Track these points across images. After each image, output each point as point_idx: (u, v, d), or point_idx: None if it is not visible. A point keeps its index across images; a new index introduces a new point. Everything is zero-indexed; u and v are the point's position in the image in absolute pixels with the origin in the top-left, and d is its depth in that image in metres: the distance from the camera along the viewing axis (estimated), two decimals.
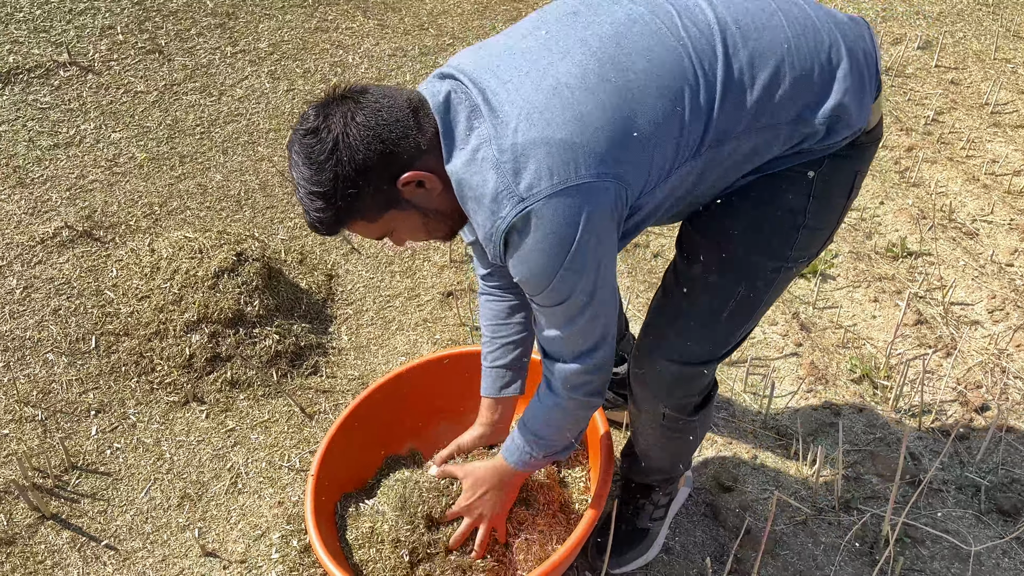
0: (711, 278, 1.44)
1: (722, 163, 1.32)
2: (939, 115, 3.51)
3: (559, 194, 1.19)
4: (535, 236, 1.22)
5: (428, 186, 1.28)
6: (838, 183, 1.38)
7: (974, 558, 1.92)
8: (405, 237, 1.39)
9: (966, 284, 2.69)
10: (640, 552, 1.87)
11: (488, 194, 1.22)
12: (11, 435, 2.06)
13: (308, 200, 1.27)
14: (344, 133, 1.21)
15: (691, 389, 1.55)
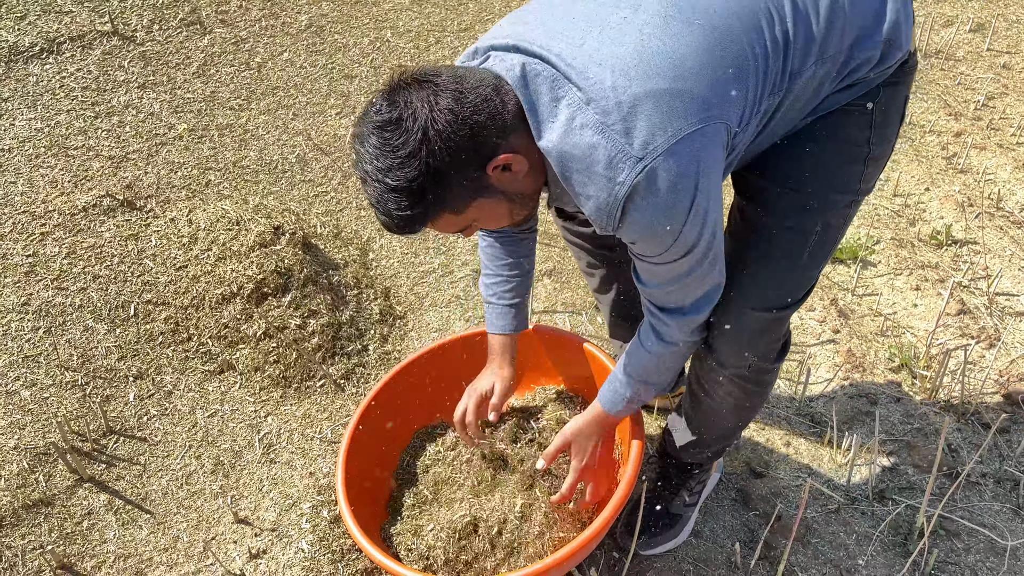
0: (787, 222, 1.42)
1: (798, 96, 1.32)
2: (989, 100, 3.41)
3: (676, 146, 1.16)
4: (658, 195, 1.18)
5: (515, 168, 1.24)
6: (893, 110, 1.39)
7: (1010, 552, 1.88)
8: (487, 225, 1.35)
9: (1012, 274, 2.63)
10: (671, 537, 1.86)
11: (600, 161, 1.18)
12: (52, 398, 2.10)
13: (391, 198, 1.19)
14: (432, 120, 1.15)
15: (776, 335, 1.54)
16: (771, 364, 1.59)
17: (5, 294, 2.25)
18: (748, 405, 1.67)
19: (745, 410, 1.69)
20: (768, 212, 1.44)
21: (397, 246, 2.67)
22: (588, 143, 1.18)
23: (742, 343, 1.53)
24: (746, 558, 1.88)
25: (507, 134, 1.21)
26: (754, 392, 1.64)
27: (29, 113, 2.68)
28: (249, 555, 1.87)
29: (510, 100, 1.21)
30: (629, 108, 1.15)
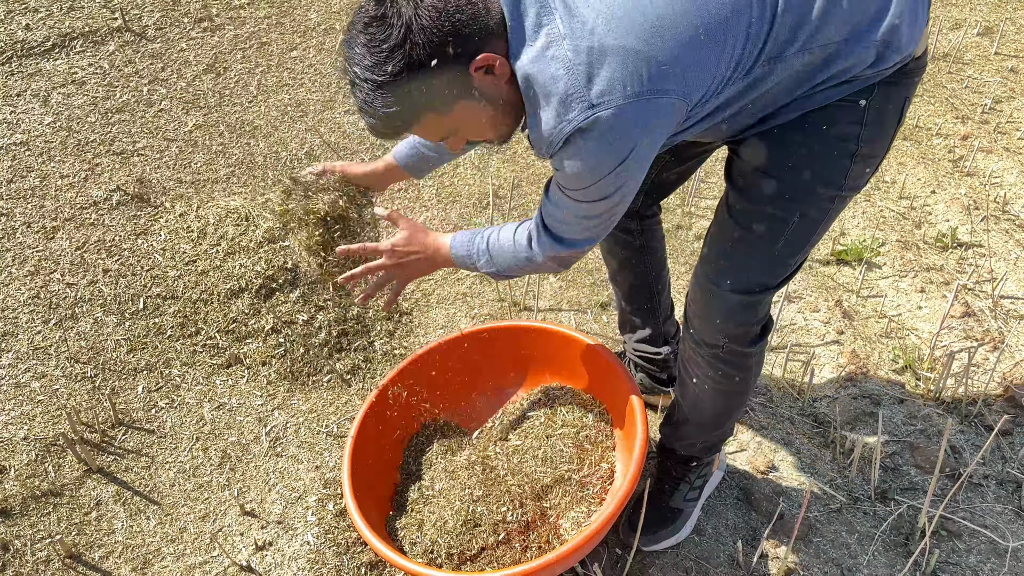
0: (767, 208, 1.45)
1: (773, 83, 1.33)
2: (997, 104, 3.41)
3: (628, 105, 1.20)
4: (597, 140, 1.23)
5: (498, 72, 1.26)
6: (889, 110, 1.39)
7: (1011, 554, 1.89)
8: (472, 134, 1.37)
9: (1018, 277, 2.63)
10: (672, 532, 1.88)
11: (557, 94, 1.22)
12: (61, 390, 2.12)
13: (378, 95, 1.22)
14: (415, 15, 1.17)
15: (750, 318, 1.57)
16: (746, 347, 1.62)
17: (16, 286, 2.27)
18: (730, 390, 1.70)
19: (727, 395, 1.72)
20: (750, 197, 1.47)
21: None
22: (552, 74, 1.22)
23: (717, 323, 1.57)
24: (748, 556, 1.89)
25: (489, 40, 1.24)
26: (733, 376, 1.67)
27: (41, 108, 2.71)
28: (255, 547, 1.89)
29: (495, 9, 1.25)
30: (599, 55, 1.20)
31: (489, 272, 1.60)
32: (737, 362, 1.64)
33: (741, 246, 1.50)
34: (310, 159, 2.83)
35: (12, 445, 2.00)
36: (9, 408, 2.07)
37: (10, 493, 1.92)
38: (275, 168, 2.78)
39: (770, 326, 1.64)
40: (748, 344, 1.62)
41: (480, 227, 1.80)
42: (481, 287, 2.57)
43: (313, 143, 2.89)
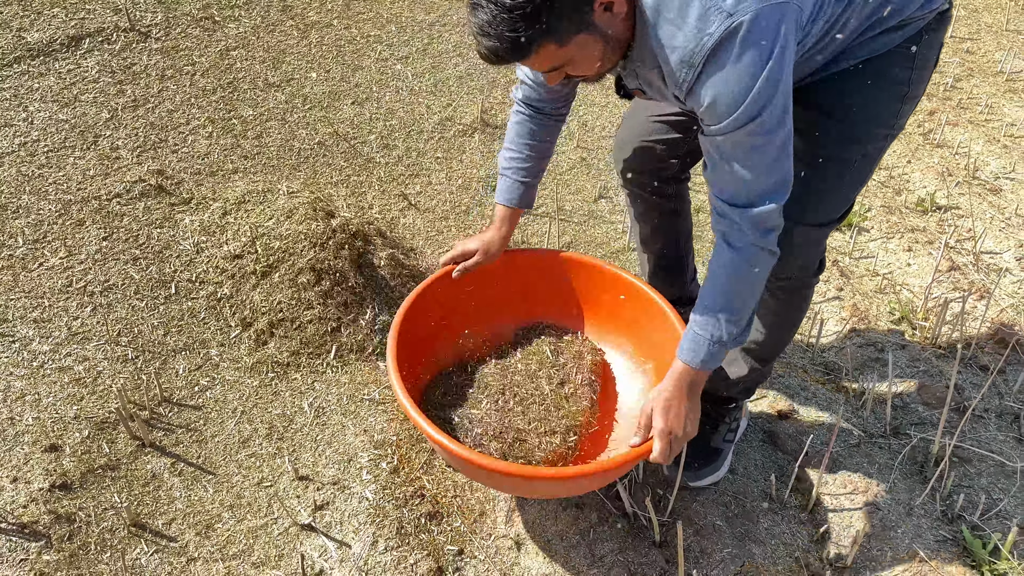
0: (832, 149, 1.59)
1: (856, 14, 1.46)
2: (957, 82, 3.65)
3: (763, 10, 1.28)
4: (740, 45, 1.29)
5: (616, 9, 1.33)
6: (931, 54, 1.56)
7: (1020, 473, 2.05)
8: (577, 69, 1.41)
9: (994, 234, 2.83)
10: (714, 469, 2.00)
11: (693, 13, 1.29)
12: (105, 371, 2.16)
13: (503, 19, 1.24)
14: None
15: (816, 249, 1.73)
16: (810, 277, 1.78)
17: (48, 276, 2.31)
18: (786, 321, 1.85)
19: (782, 328, 1.86)
20: (816, 140, 1.61)
21: (421, 224, 2.78)
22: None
23: (789, 253, 1.66)
24: (780, 490, 2.02)
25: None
26: (793, 306, 1.82)
27: (53, 106, 2.74)
28: (314, 506, 1.96)
29: None
30: None
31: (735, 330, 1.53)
32: (799, 291, 1.80)
33: (811, 183, 1.62)
34: (322, 148, 2.91)
35: (64, 424, 2.04)
36: (56, 391, 2.10)
37: (67, 469, 1.95)
38: (289, 158, 2.85)
39: (825, 260, 1.80)
40: (812, 275, 1.78)
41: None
42: None
43: (323, 134, 2.97)
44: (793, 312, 1.82)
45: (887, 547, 1.90)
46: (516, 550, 1.88)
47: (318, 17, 3.41)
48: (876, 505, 1.99)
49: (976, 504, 1.98)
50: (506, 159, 1.86)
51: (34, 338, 2.19)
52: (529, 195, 1.89)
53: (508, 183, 1.87)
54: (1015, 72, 3.70)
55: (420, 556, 1.85)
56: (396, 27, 3.52)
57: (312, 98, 3.09)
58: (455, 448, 1.58)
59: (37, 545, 1.81)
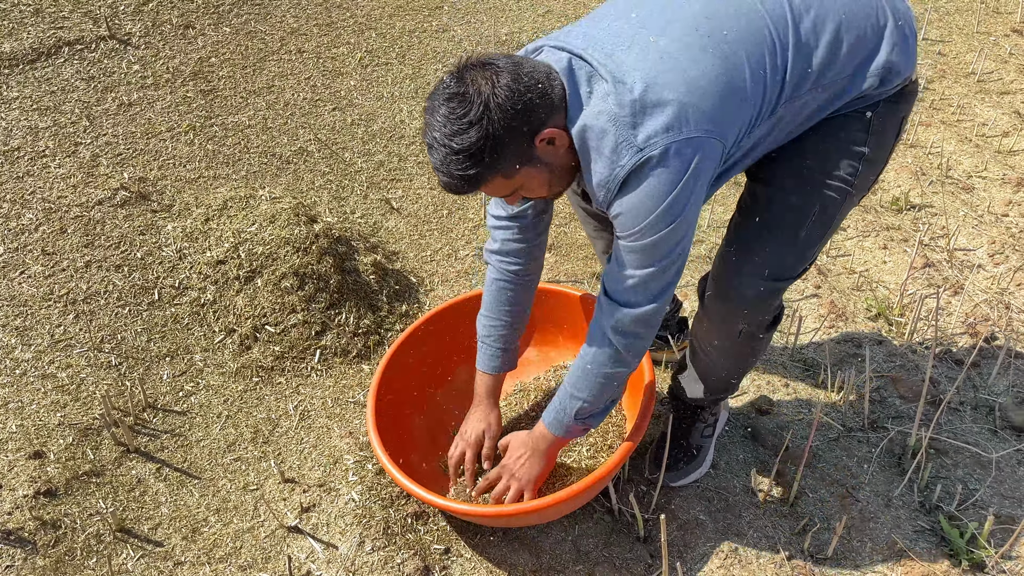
0: (790, 200, 1.61)
1: (794, 118, 1.52)
2: (929, 83, 3.71)
3: (673, 146, 1.36)
4: (648, 178, 1.38)
5: (557, 143, 1.43)
6: (890, 124, 1.57)
7: (995, 464, 2.09)
8: (530, 193, 1.52)
9: (967, 232, 2.89)
10: (696, 466, 2.03)
11: (608, 145, 1.38)
12: (89, 378, 2.16)
13: (453, 160, 1.37)
14: (493, 95, 1.34)
15: (768, 305, 1.71)
16: (760, 333, 1.78)
17: (30, 284, 2.31)
18: (738, 366, 1.88)
19: (736, 369, 1.90)
20: (773, 191, 1.63)
21: (404, 229, 2.80)
22: (601, 128, 1.39)
23: (737, 309, 1.71)
24: (761, 484, 2.05)
25: (552, 114, 1.41)
26: (744, 356, 1.84)
27: (34, 114, 2.74)
28: (301, 508, 1.96)
29: (557, 85, 1.41)
30: (640, 108, 1.36)
31: (589, 412, 1.68)
32: (751, 345, 1.80)
33: (764, 237, 1.64)
34: (303, 155, 2.93)
35: (48, 431, 2.03)
36: (39, 398, 2.10)
37: (52, 475, 1.95)
38: (271, 163, 2.86)
39: (782, 314, 1.80)
40: (763, 330, 1.77)
41: None
42: (478, 265, 2.70)
43: (304, 140, 2.98)
44: (746, 359, 1.84)
45: (867, 538, 1.93)
46: (502, 547, 1.90)
47: (297, 24, 3.43)
48: (856, 497, 2.02)
49: (953, 494, 2.02)
50: (486, 327, 1.92)
51: (16, 346, 2.19)
52: (509, 359, 1.95)
53: (492, 351, 1.92)
54: (986, 73, 3.77)
55: (407, 555, 1.86)
56: (376, 34, 3.54)
57: (293, 105, 3.10)
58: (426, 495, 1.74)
59: (23, 551, 1.80)
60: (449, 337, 2.13)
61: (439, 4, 3.82)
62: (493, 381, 1.95)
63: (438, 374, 2.15)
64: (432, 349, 2.11)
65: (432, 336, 2.11)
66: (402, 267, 2.66)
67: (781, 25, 1.44)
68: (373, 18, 3.62)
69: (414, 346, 2.08)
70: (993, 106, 3.56)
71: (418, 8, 3.73)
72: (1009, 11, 4.20)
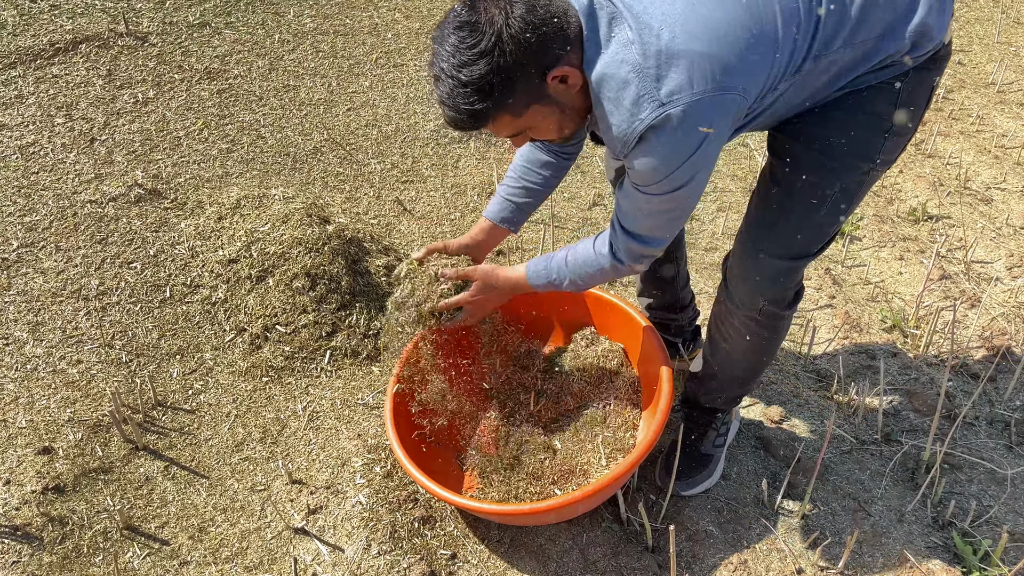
0: (809, 179, 1.57)
1: (820, 76, 1.47)
2: (948, 93, 3.68)
3: (696, 103, 1.32)
4: (669, 136, 1.34)
5: (571, 82, 1.37)
6: (920, 92, 1.53)
7: (1010, 481, 2.07)
8: (538, 134, 1.48)
9: (985, 244, 2.85)
10: (707, 476, 2.01)
11: (629, 97, 1.33)
12: (99, 374, 2.16)
13: (460, 92, 1.32)
14: (506, 25, 1.28)
15: (788, 283, 1.69)
16: (782, 310, 1.75)
17: (43, 279, 2.31)
18: (759, 349, 1.84)
19: (757, 354, 1.85)
20: (793, 169, 1.60)
21: (417, 231, 2.79)
22: (623, 78, 1.34)
23: (758, 287, 1.69)
24: (772, 495, 2.03)
25: (567, 51, 1.35)
26: (765, 337, 1.80)
27: (50, 110, 2.75)
28: (308, 510, 1.96)
29: (574, 22, 1.36)
30: (666, 59, 1.31)
31: (571, 288, 1.73)
32: (771, 324, 1.77)
33: (783, 214, 1.62)
34: (317, 155, 2.92)
35: (57, 427, 2.03)
36: (49, 394, 2.10)
37: (60, 471, 1.95)
38: (285, 163, 2.86)
39: (802, 292, 1.78)
40: (784, 308, 1.75)
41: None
42: None
43: (318, 140, 2.98)
44: (767, 343, 1.81)
45: (878, 553, 1.91)
46: (509, 554, 1.88)
47: (313, 24, 3.43)
48: (868, 511, 2.00)
49: (967, 511, 1.99)
50: (504, 179, 1.90)
51: (28, 341, 2.19)
52: (514, 216, 1.90)
53: (496, 199, 1.90)
54: (1006, 84, 3.73)
55: (413, 560, 1.85)
56: (392, 35, 3.53)
57: (308, 104, 3.10)
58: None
59: (30, 547, 1.80)
60: (467, 329, 2.11)
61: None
62: (484, 225, 1.92)
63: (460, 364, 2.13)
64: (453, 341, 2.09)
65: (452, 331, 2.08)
66: None
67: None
68: (389, 20, 3.62)
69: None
70: (1013, 117, 3.52)
71: (434, 10, 3.73)
72: None
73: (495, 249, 2.40)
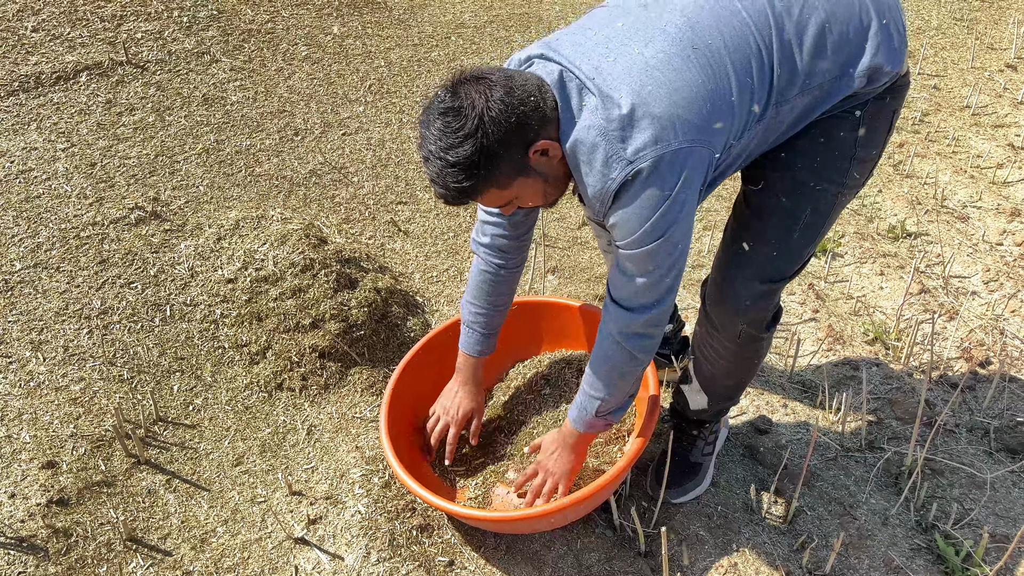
0: (782, 204, 1.65)
1: (782, 122, 1.56)
2: (925, 116, 3.80)
3: (662, 157, 1.41)
4: (640, 187, 1.43)
5: (551, 154, 1.47)
6: (880, 119, 1.61)
7: (990, 485, 2.13)
8: (525, 203, 1.58)
9: (962, 260, 2.95)
10: (697, 483, 2.06)
11: (599, 159, 1.43)
12: (101, 391, 2.21)
13: (449, 172, 1.41)
14: (487, 108, 1.38)
15: (766, 306, 1.76)
16: (761, 333, 1.83)
17: (46, 298, 2.36)
18: (742, 368, 1.91)
19: (740, 373, 1.93)
20: (766, 195, 1.68)
21: (412, 250, 2.86)
22: (592, 142, 1.43)
23: (736, 310, 1.76)
24: (760, 502, 2.09)
25: (545, 126, 1.46)
26: (746, 358, 1.88)
27: (51, 136, 2.81)
28: (308, 520, 2.00)
29: (549, 98, 1.46)
30: (628, 121, 1.41)
31: (608, 408, 1.73)
32: (751, 346, 1.84)
33: (759, 239, 1.70)
34: (315, 177, 2.99)
35: (60, 442, 2.07)
36: (52, 409, 2.14)
37: (64, 485, 1.99)
38: (282, 186, 2.93)
39: (780, 313, 1.85)
40: (763, 330, 1.82)
41: None
42: None
43: (315, 163, 3.05)
44: (748, 363, 1.89)
45: (864, 555, 1.97)
46: (505, 560, 1.93)
47: (308, 52, 3.52)
48: (853, 515, 2.06)
49: (949, 514, 2.05)
50: (471, 313, 1.99)
51: (31, 359, 2.23)
52: (492, 344, 2.04)
53: (476, 336, 2.00)
54: (980, 107, 3.85)
55: (412, 567, 1.89)
56: (384, 63, 3.63)
57: (304, 129, 3.18)
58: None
59: (35, 558, 1.84)
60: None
61: (446, 35, 3.92)
62: (476, 363, 2.03)
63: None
64: (446, 358, 2.16)
65: (446, 346, 2.16)
66: (409, 287, 2.71)
67: (765, 31, 1.47)
68: (382, 48, 3.71)
69: (429, 355, 2.16)
70: (988, 139, 3.64)
71: (425, 39, 3.83)
72: (1003, 47, 4.30)
73: None
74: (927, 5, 4.61)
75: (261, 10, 3.67)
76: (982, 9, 4.61)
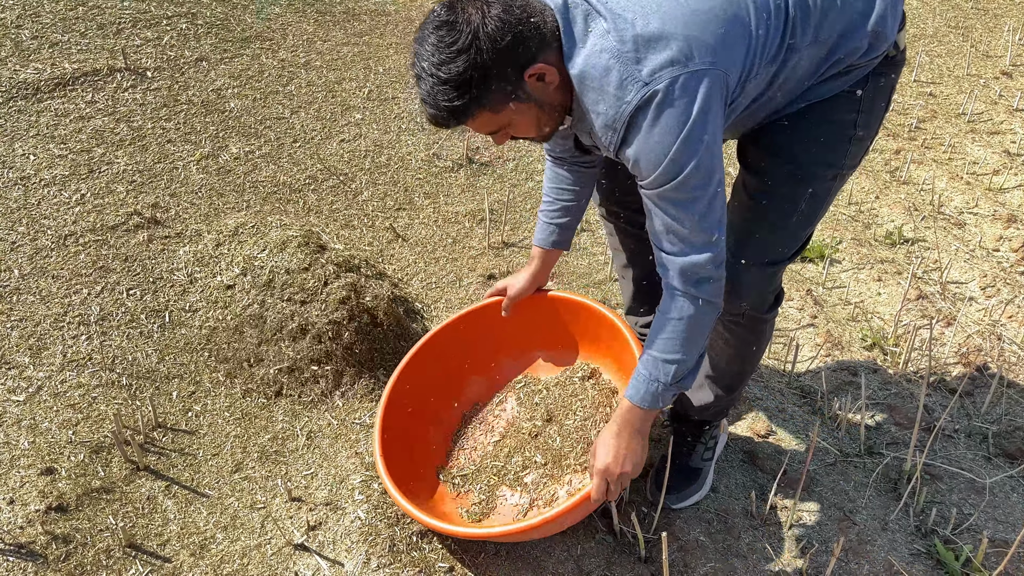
0: (781, 188, 1.67)
1: (789, 74, 1.54)
2: (921, 123, 3.82)
3: (679, 79, 1.37)
4: (657, 111, 1.37)
5: (548, 79, 1.43)
6: (879, 97, 1.64)
7: (988, 489, 2.14)
8: (518, 132, 1.52)
9: (959, 265, 2.96)
10: (697, 488, 2.07)
11: (612, 82, 1.39)
12: (100, 397, 2.20)
13: (440, 90, 1.37)
14: (483, 24, 1.35)
15: (768, 287, 1.78)
16: (763, 314, 1.84)
17: (44, 305, 2.36)
18: (745, 354, 1.91)
19: (741, 360, 1.93)
20: (765, 179, 1.69)
21: (410, 256, 2.86)
22: (604, 65, 1.39)
23: (738, 292, 1.76)
24: (760, 507, 2.09)
25: (544, 49, 1.42)
26: (748, 342, 1.88)
27: (50, 142, 2.81)
28: (307, 526, 1.99)
29: (550, 21, 1.42)
30: (644, 42, 1.37)
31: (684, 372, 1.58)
32: (753, 327, 1.85)
33: (759, 222, 1.71)
34: (314, 184, 3.00)
35: (59, 448, 2.07)
36: (51, 416, 2.14)
37: (63, 491, 1.98)
38: (281, 192, 2.93)
39: (782, 295, 1.86)
40: (765, 311, 1.83)
41: None
42: (482, 292, 2.75)
43: (314, 169, 3.06)
44: (751, 347, 1.89)
45: (864, 560, 1.97)
46: (505, 566, 1.92)
47: (307, 59, 3.52)
48: (853, 520, 2.06)
49: (948, 519, 2.05)
50: (542, 205, 1.99)
51: (30, 365, 2.23)
52: (561, 237, 1.98)
53: (541, 225, 1.99)
54: (976, 114, 3.88)
55: (412, 573, 1.89)
56: (382, 70, 3.64)
57: (303, 136, 3.18)
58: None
59: (34, 565, 1.83)
60: (461, 347, 2.19)
61: None
62: (539, 252, 2.02)
63: (452, 384, 2.22)
64: (444, 360, 2.16)
65: (444, 347, 2.16)
66: (408, 293, 2.71)
67: None
68: (380, 56, 3.72)
69: (425, 358, 2.16)
70: (984, 145, 3.66)
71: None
72: (998, 55, 4.33)
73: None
74: (923, 13, 4.64)
75: (260, 17, 3.67)
76: (977, 17, 4.64)
